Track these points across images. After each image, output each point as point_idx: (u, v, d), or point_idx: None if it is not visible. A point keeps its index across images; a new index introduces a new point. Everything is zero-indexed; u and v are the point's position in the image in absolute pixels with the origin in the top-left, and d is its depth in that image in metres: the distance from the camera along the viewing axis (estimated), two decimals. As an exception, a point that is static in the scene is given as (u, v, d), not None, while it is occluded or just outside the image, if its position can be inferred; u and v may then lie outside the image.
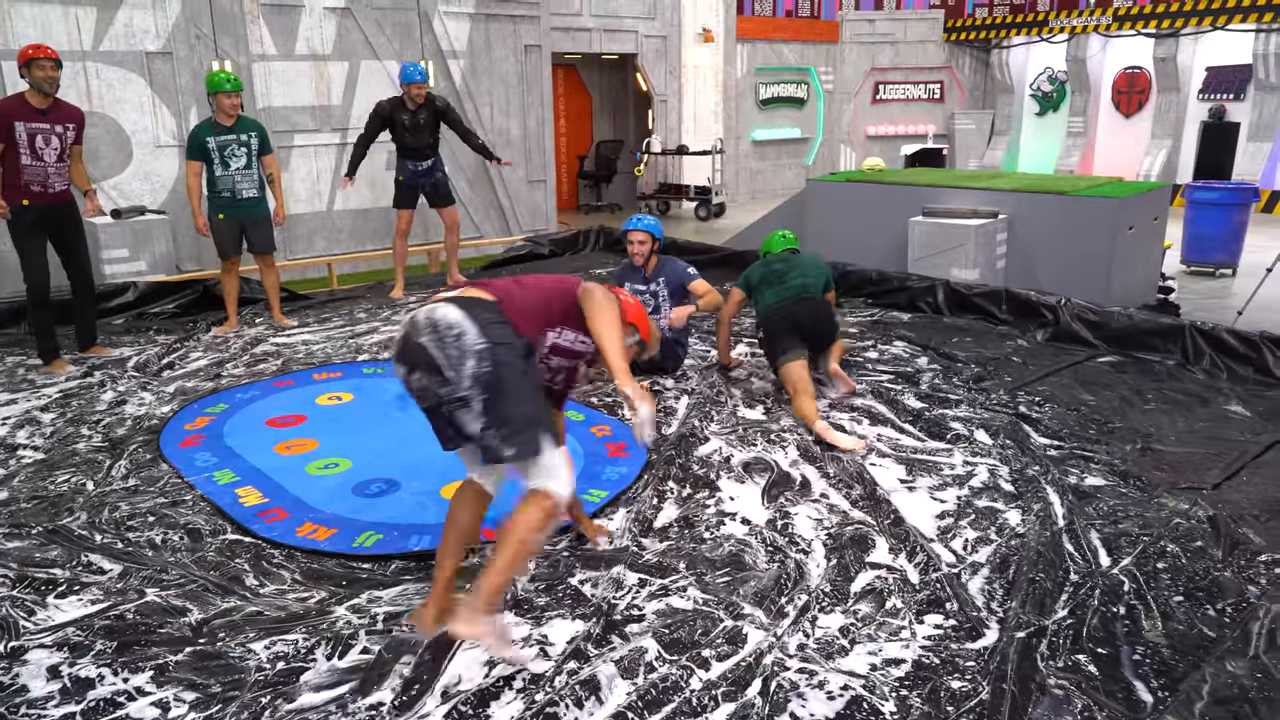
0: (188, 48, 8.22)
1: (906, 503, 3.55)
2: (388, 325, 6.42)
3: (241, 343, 5.99)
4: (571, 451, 4.10)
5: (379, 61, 9.34)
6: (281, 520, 3.48)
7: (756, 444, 4.16)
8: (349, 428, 4.46)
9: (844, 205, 8.09)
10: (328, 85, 9.07)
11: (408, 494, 3.71)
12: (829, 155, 15.82)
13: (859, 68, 15.69)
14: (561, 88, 13.80)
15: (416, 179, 7.27)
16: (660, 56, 13.05)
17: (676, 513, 3.51)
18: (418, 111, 7.06)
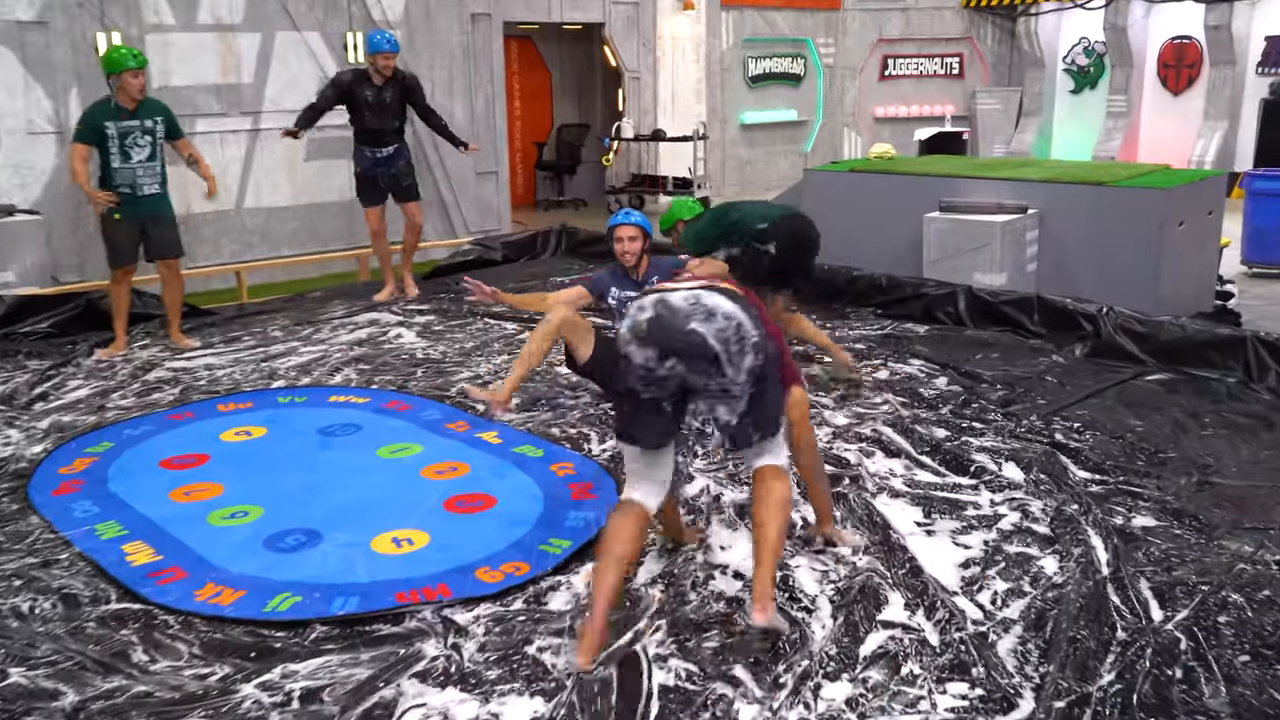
0: (67, 17, 8.17)
1: (925, 549, 3.56)
2: (309, 345, 6.38)
3: (131, 368, 5.92)
4: (528, 494, 4.08)
5: (298, 33, 9.34)
6: (178, 581, 3.43)
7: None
8: (260, 469, 4.41)
9: (848, 199, 8.15)
10: (236, 61, 9.04)
11: (331, 547, 3.67)
12: (830, 141, 15.96)
13: (864, 39, 15.86)
14: (515, 63, 13.84)
15: (375, 168, 7.31)
16: (632, 26, 13.13)
17: (657, 566, 3.49)
18: (384, 87, 7.09)
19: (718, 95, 14.52)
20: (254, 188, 9.27)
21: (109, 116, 5.99)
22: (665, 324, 2.94)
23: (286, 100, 9.31)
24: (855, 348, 6.01)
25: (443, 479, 4.27)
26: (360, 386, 5.52)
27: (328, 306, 7.44)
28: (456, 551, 3.62)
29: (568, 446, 4.61)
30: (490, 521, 3.88)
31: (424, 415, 5.04)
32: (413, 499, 4.07)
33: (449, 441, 4.68)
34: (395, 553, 3.63)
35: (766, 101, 15.27)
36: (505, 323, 6.83)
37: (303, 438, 4.77)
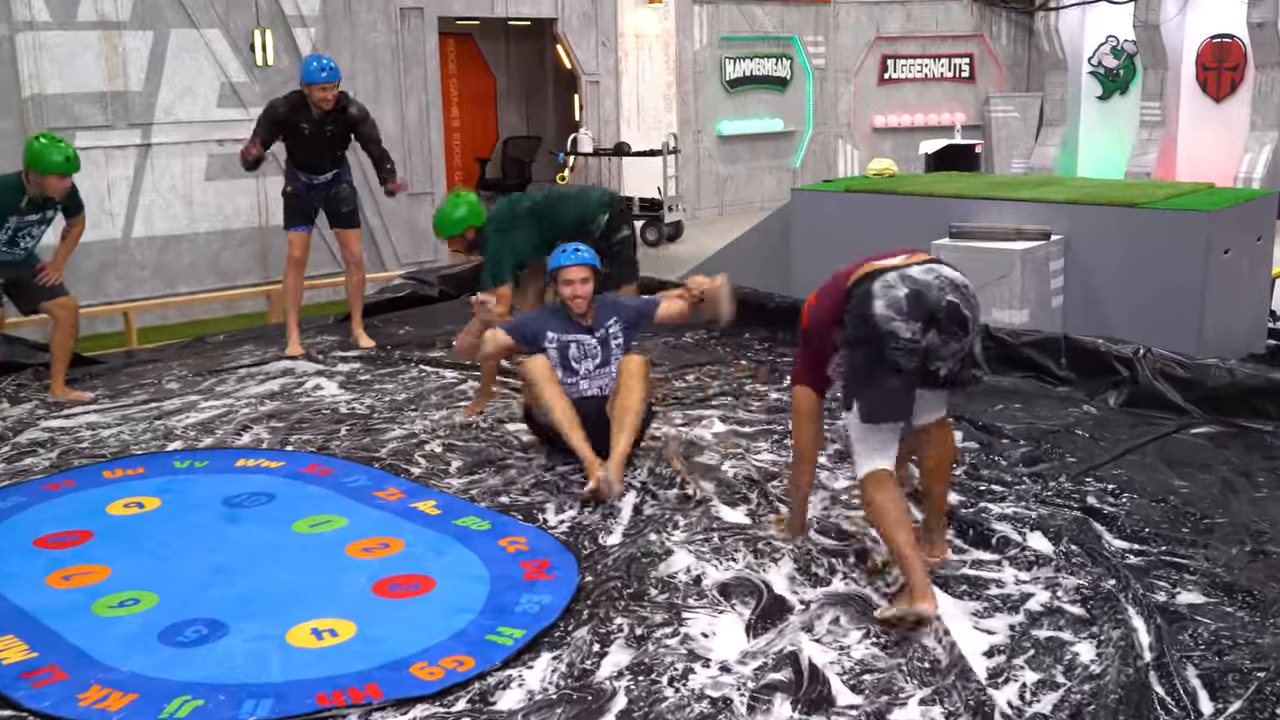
0: (-78, 13, 8.19)
1: (945, 633, 3.60)
2: (211, 399, 6.36)
3: (0, 428, 5.89)
4: (472, 574, 4.10)
5: (196, 30, 9.41)
6: (57, 684, 3.40)
7: (738, 558, 4.18)
8: (154, 548, 4.39)
9: (843, 224, 8.26)
10: (123, 63, 9.08)
11: (239, 641, 3.66)
12: (822, 155, 16.17)
13: (860, 36, 16.15)
14: (453, 65, 13.97)
15: (312, 192, 7.28)
16: (589, 22, 13.32)
17: (626, 658, 3.51)
18: (325, 119, 7.05)
19: (690, 102, 14.70)
20: (144, 213, 9.27)
21: (15, 209, 6.02)
22: (923, 298, 3.69)
23: (181, 110, 9.37)
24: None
25: (371, 557, 4.26)
26: (273, 448, 5.52)
27: (233, 352, 7.43)
28: (388, 644, 3.61)
29: (519, 518, 4.62)
30: (428, 607, 3.88)
31: (349, 481, 5.04)
32: (336, 582, 4.07)
33: (379, 512, 4.69)
34: (315, 646, 3.62)
35: (747, 109, 15.46)
36: (444, 371, 6.85)
37: (204, 510, 4.75)
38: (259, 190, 9.86)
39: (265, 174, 9.74)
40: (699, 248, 12.15)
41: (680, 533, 4.42)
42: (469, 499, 4.81)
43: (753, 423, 5.77)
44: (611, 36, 13.61)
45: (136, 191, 9.25)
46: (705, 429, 5.66)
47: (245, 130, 9.60)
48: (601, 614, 3.78)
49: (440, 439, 5.58)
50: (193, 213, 9.56)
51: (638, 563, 4.15)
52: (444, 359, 7.07)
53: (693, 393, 6.31)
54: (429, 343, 7.50)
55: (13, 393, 6.46)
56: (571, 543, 4.35)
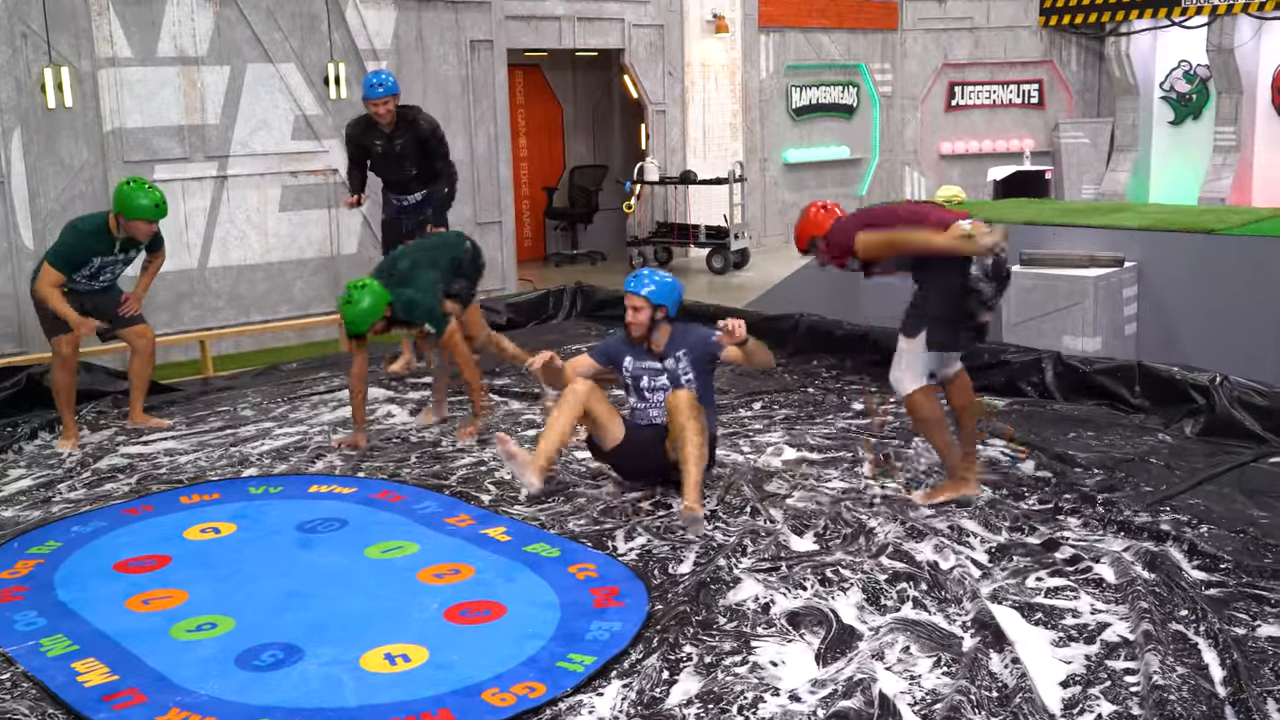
0: (10, 50, 8.44)
1: (1015, 664, 3.56)
2: (285, 426, 6.47)
3: (80, 454, 6.02)
4: (543, 601, 4.12)
5: (272, 65, 9.60)
6: (138, 706, 3.46)
7: (807, 586, 4.18)
8: (230, 573, 4.47)
9: (912, 251, 8.22)
10: (201, 98, 9.30)
11: (314, 666, 3.71)
12: (889, 182, 16.14)
13: (927, 64, 16.12)
14: (522, 96, 14.13)
15: (400, 215, 7.53)
16: (656, 53, 13.42)
17: (696, 686, 3.51)
18: (394, 134, 7.30)
19: (756, 131, 14.75)
20: (220, 243, 9.46)
21: (102, 248, 6.16)
22: (1000, 266, 4.83)
23: (256, 142, 9.56)
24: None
25: (443, 584, 4.31)
26: (345, 475, 5.60)
27: (306, 380, 7.55)
28: (460, 670, 3.65)
29: (588, 545, 4.65)
30: (499, 634, 3.91)
31: (420, 508, 5.11)
32: (408, 608, 4.11)
33: (450, 539, 4.74)
34: (388, 671, 3.66)
35: (814, 137, 15.48)
36: (511, 400, 6.91)
37: (279, 536, 4.84)
38: (330, 221, 10.03)
39: (337, 204, 9.92)
40: (765, 275, 12.17)
41: (748, 560, 4.42)
42: (539, 526, 4.84)
43: (821, 449, 5.75)
44: (678, 66, 13.70)
45: (212, 222, 9.44)
46: (774, 456, 5.66)
47: (319, 162, 9.85)
48: (671, 641, 3.79)
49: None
50: (267, 243, 9.74)
51: (706, 590, 4.15)
52: (509, 387, 7.14)
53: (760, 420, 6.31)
54: (496, 371, 7.57)
55: (93, 420, 6.61)
56: (641, 570, 4.36)
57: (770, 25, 14.78)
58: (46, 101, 8.55)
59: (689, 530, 4.72)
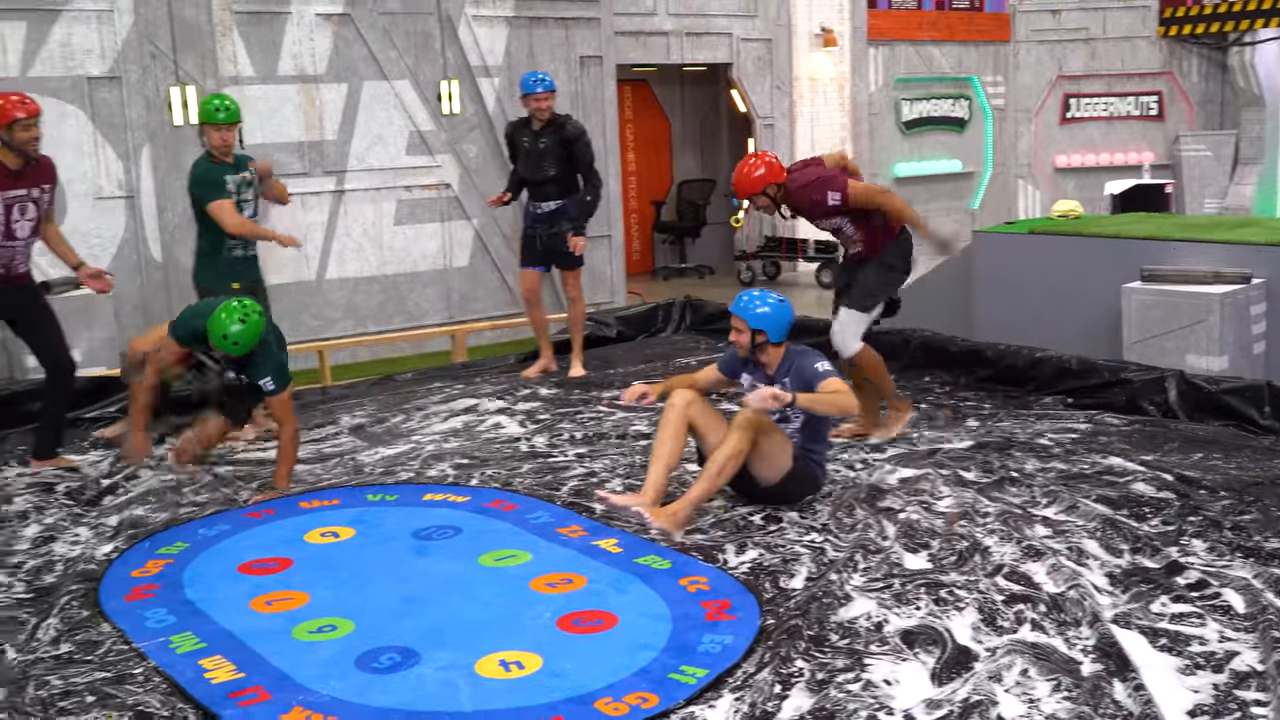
0: (140, 70, 8.78)
1: (1139, 691, 3.48)
2: (399, 435, 6.60)
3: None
4: (654, 612, 4.14)
5: (387, 82, 9.83)
6: (262, 704, 3.56)
7: (921, 605, 4.13)
8: (349, 576, 4.57)
9: (1026, 266, 8.12)
10: (319, 114, 9.56)
11: (430, 670, 3.78)
12: (1002, 196, 15.90)
13: (1041, 76, 15.87)
14: (630, 111, 14.24)
15: (536, 225, 7.68)
16: (764, 66, 13.42)
17: (808, 703, 3.50)
18: (541, 133, 7.50)
19: (866, 144, 14.65)
20: (337, 256, 9.70)
21: (222, 169, 6.38)
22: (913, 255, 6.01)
23: (372, 157, 9.80)
24: (1043, 443, 5.96)
25: (556, 592, 4.35)
26: (458, 484, 5.69)
27: (420, 390, 7.69)
28: (573, 678, 3.68)
29: (699, 558, 4.65)
30: (611, 644, 3.94)
31: (532, 518, 5.17)
32: (521, 616, 4.16)
33: (562, 549, 4.78)
34: (503, 677, 3.71)
35: (924, 150, 15.33)
36: (620, 412, 6.95)
37: (396, 542, 4.93)
38: (444, 234, 10.22)
39: (450, 218, 10.11)
40: (874, 290, 12.04)
41: (860, 577, 4.39)
42: (649, 538, 4.87)
43: (935, 466, 5.69)
44: (786, 80, 13.68)
45: (330, 236, 9.69)
46: (886, 473, 5.61)
47: (432, 176, 10.06)
48: (783, 656, 3.78)
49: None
50: (382, 255, 9.97)
51: (819, 606, 4.13)
52: (619, 399, 7.18)
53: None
54: (607, 383, 7.63)
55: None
56: (752, 584, 4.36)
57: (879, 38, 14.68)
58: (173, 119, 8.88)
59: (661, 536, 4.80)
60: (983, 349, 7.32)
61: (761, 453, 4.96)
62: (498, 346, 9.39)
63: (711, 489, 4.94)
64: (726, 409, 5.80)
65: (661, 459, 5.01)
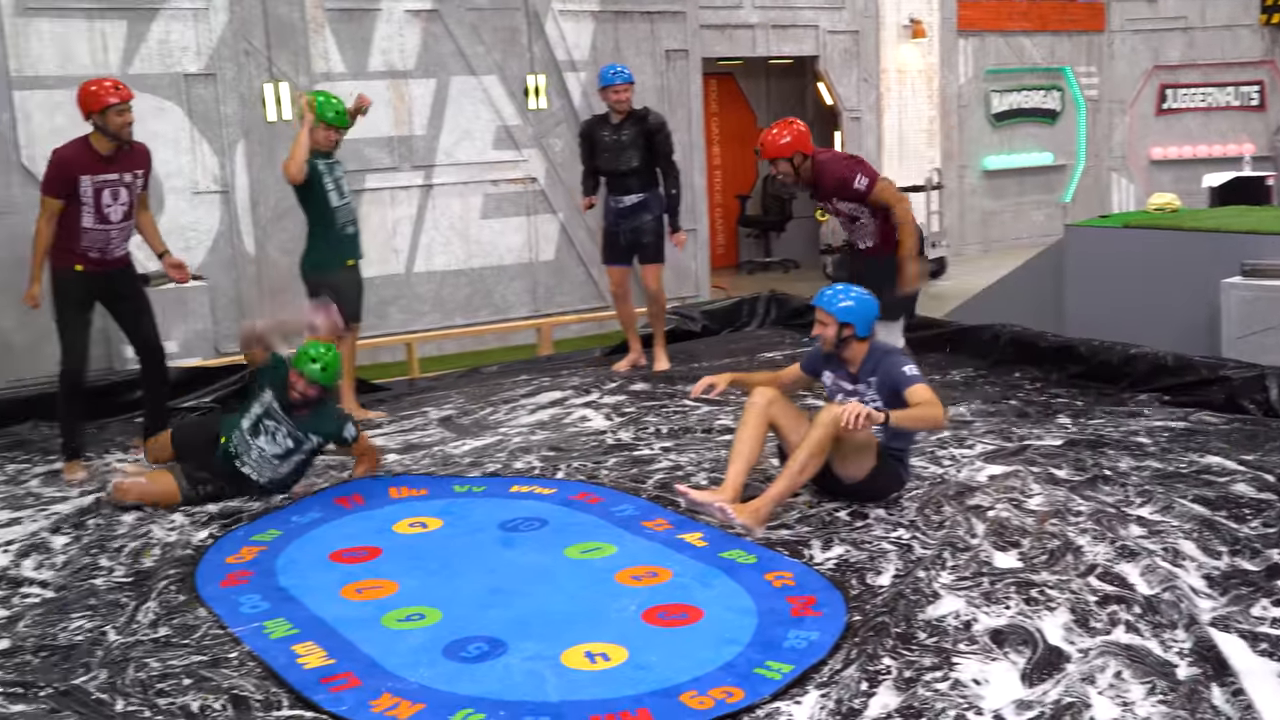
0: (235, 67, 8.96)
1: (1238, 696, 3.40)
2: (485, 427, 6.66)
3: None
4: (740, 607, 4.13)
5: (475, 77, 9.92)
6: (353, 690, 3.62)
7: (1011, 604, 4.07)
8: (437, 567, 4.63)
9: (1121, 261, 7.97)
10: (408, 110, 9.68)
11: (517, 660, 3.81)
12: (1095, 190, 15.62)
13: (1136, 66, 15.54)
14: (715, 104, 14.21)
15: (618, 222, 7.65)
16: (851, 59, 13.31)
17: (895, 701, 3.47)
18: (622, 125, 7.50)
19: (954, 137, 14.48)
20: (425, 250, 9.83)
21: (315, 155, 6.53)
22: None
23: (460, 152, 9.90)
24: (1137, 441, 5.84)
25: (641, 585, 4.36)
26: (544, 476, 5.73)
27: (506, 383, 7.76)
28: (658, 671, 3.69)
29: (785, 553, 4.63)
30: (697, 637, 3.94)
31: (617, 510, 5.18)
32: (607, 608, 4.18)
33: (647, 542, 4.79)
34: (589, 669, 3.73)
35: (1015, 143, 15.11)
36: (706, 405, 6.95)
37: (483, 533, 4.98)
38: (529, 227, 10.30)
39: (536, 212, 10.18)
40: (962, 285, 11.93)
41: (949, 575, 4.34)
42: (734, 533, 4.85)
43: (1025, 463, 5.60)
44: (873, 72, 13.55)
45: (418, 229, 9.81)
46: (974, 471, 5.54)
47: (519, 171, 10.14)
48: (870, 653, 3.75)
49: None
50: (469, 249, 10.07)
51: (906, 603, 4.09)
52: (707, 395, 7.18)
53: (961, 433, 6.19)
54: (692, 376, 7.62)
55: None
56: (838, 580, 4.33)
57: (969, 29, 14.49)
58: (266, 115, 9.04)
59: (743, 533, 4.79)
60: (1075, 345, 7.19)
61: (845, 450, 4.92)
62: (583, 340, 9.44)
63: (792, 487, 4.92)
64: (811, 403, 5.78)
65: (741, 456, 4.99)
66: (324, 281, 6.65)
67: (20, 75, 8.23)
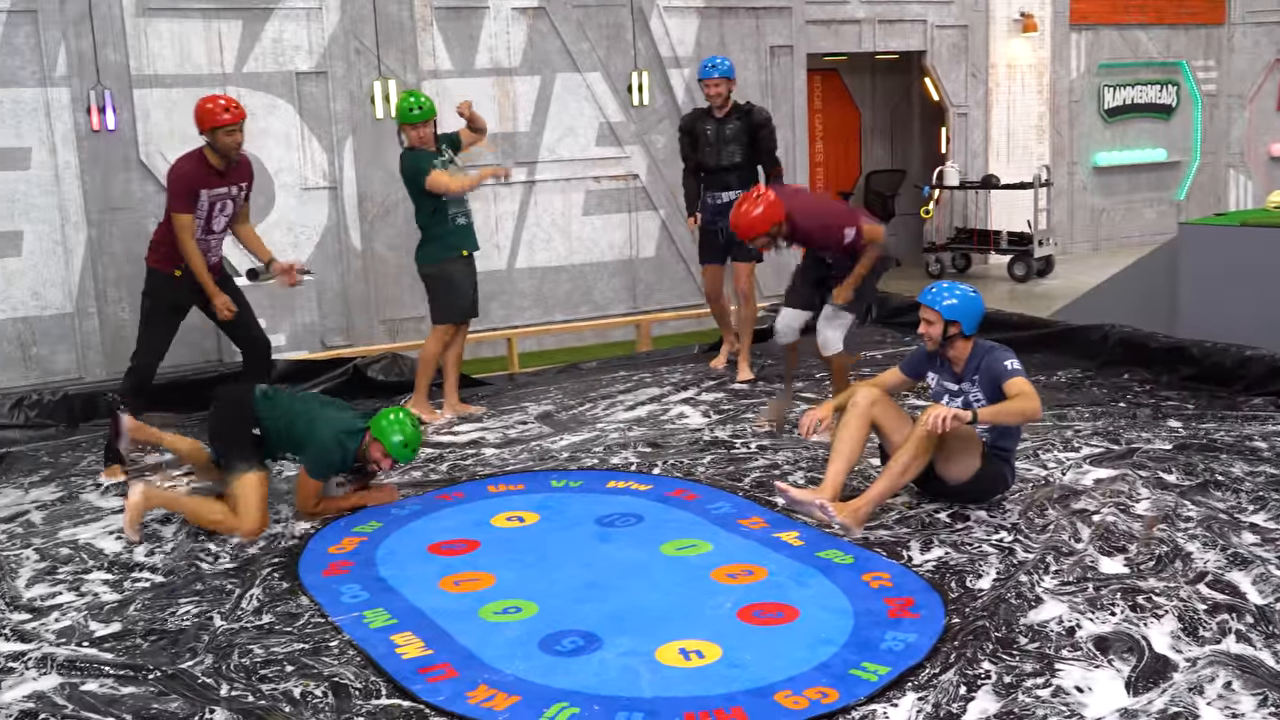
0: (345, 65, 9.13)
1: (1354, 712, 3.28)
2: (584, 422, 6.69)
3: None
4: (836, 607, 4.09)
5: (579, 74, 9.97)
6: (449, 680, 3.67)
7: (1116, 610, 3.98)
8: (533, 559, 4.67)
9: (1238, 260, 7.73)
10: (513, 106, 9.76)
11: (611, 655, 3.82)
12: (1211, 186, 15.17)
13: (1257, 59, 15.05)
14: (819, 100, 14.10)
15: (715, 219, 7.56)
16: (959, 54, 13.09)
17: (994, 706, 3.41)
18: (725, 120, 7.50)
19: (1065, 133, 14.18)
20: (526, 246, 9.91)
21: (427, 155, 6.63)
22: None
23: (563, 149, 9.96)
24: (1252, 445, 5.65)
25: (736, 583, 4.35)
26: (641, 472, 5.74)
27: (604, 379, 7.79)
28: (753, 670, 3.68)
29: (883, 554, 4.58)
30: (792, 637, 3.92)
31: (713, 508, 5.17)
32: (701, 605, 4.18)
33: (743, 540, 4.78)
34: (683, 665, 3.73)
35: (1127, 139, 14.75)
36: (803, 403, 6.90)
37: (579, 528, 5.01)
38: (630, 224, 10.32)
39: (637, 208, 10.20)
40: (1070, 284, 11.69)
41: (1052, 580, 4.25)
42: (831, 532, 4.81)
43: (1133, 467, 5.46)
44: (982, 67, 13.32)
45: (520, 226, 9.89)
46: (1080, 474, 5.41)
47: (620, 168, 10.17)
48: (969, 657, 3.69)
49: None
50: (570, 245, 10.13)
51: (1006, 607, 4.02)
52: (802, 391, 7.13)
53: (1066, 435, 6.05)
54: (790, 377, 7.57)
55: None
56: (937, 582, 4.27)
57: (1082, 23, 14.15)
58: (375, 112, 9.20)
59: (841, 532, 4.76)
60: (1187, 346, 6.99)
61: (949, 451, 4.84)
62: (682, 336, 9.43)
63: (894, 487, 4.86)
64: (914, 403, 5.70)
65: (843, 455, 4.93)
66: (439, 273, 6.76)
67: (140, 74, 8.49)
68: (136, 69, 8.49)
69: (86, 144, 8.34)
